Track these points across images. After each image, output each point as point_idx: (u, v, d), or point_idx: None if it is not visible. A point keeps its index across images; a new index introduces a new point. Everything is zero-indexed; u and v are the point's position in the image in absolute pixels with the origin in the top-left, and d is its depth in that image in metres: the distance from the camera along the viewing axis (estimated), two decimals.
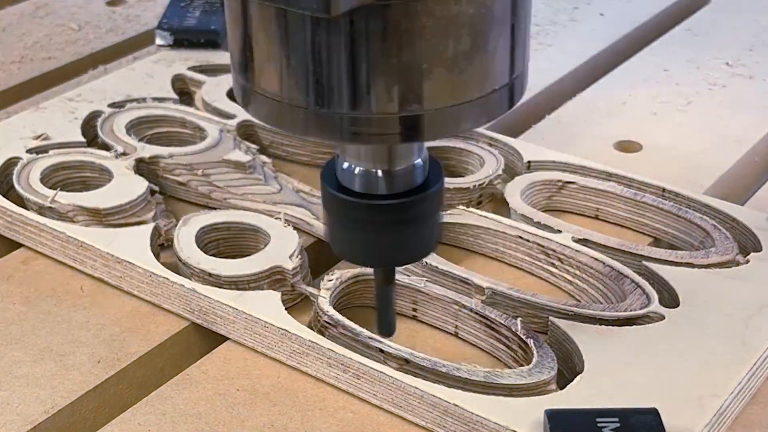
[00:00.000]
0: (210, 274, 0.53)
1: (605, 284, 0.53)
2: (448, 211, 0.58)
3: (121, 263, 0.54)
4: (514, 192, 0.59)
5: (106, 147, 0.64)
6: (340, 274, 0.53)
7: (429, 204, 0.43)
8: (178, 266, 0.55)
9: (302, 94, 0.38)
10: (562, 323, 0.50)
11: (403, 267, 0.54)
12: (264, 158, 0.64)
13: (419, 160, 0.42)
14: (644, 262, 0.54)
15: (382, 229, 0.43)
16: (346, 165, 0.43)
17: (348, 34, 0.36)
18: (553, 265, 0.55)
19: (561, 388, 0.47)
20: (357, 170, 0.42)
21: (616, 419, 0.43)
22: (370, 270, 0.54)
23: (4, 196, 0.59)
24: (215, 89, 0.70)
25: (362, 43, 0.36)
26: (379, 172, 0.42)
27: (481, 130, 0.65)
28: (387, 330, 0.47)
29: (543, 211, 0.59)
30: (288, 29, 0.37)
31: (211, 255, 0.54)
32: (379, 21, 0.36)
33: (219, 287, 0.52)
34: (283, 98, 0.38)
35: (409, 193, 0.42)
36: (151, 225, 0.57)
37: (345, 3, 0.35)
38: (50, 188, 0.59)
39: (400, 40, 0.36)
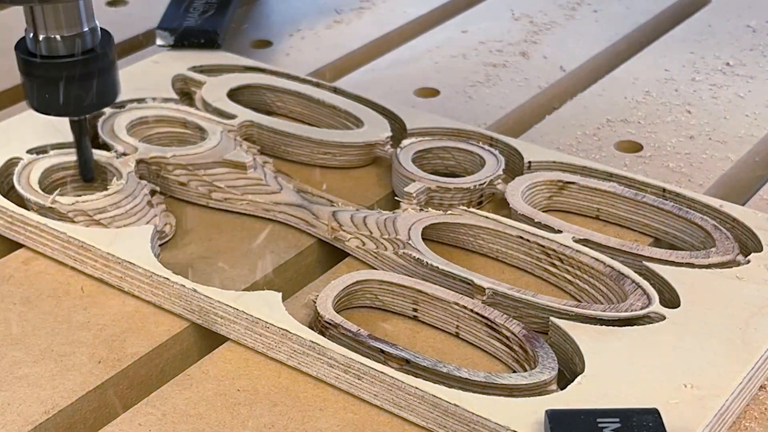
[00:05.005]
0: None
1: (606, 284, 0.53)
2: (449, 211, 0.58)
3: (121, 263, 0.54)
4: (514, 192, 0.59)
5: (107, 147, 0.64)
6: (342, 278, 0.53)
7: (99, 62, 0.56)
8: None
9: None
10: (562, 323, 0.50)
11: (403, 270, 0.55)
12: (264, 158, 0.64)
13: (87, 29, 0.55)
14: (645, 263, 0.54)
15: (67, 84, 0.55)
16: (32, 35, 0.55)
17: None
18: (553, 265, 0.55)
19: (562, 389, 0.47)
20: (41, 37, 0.55)
21: (617, 419, 0.43)
22: (370, 274, 0.54)
23: (4, 196, 0.59)
24: (216, 89, 0.70)
25: None
26: (58, 37, 0.55)
27: (481, 130, 0.65)
28: (88, 176, 0.60)
29: (543, 212, 0.59)
30: None
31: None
32: None
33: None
34: None
35: (83, 54, 0.55)
36: (151, 225, 0.57)
37: None
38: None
39: None
